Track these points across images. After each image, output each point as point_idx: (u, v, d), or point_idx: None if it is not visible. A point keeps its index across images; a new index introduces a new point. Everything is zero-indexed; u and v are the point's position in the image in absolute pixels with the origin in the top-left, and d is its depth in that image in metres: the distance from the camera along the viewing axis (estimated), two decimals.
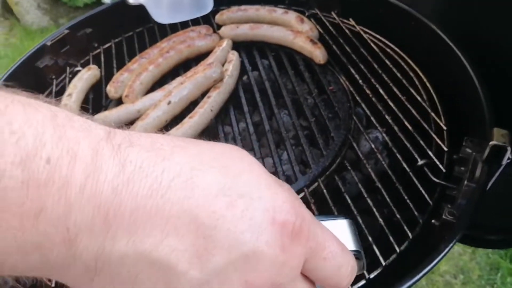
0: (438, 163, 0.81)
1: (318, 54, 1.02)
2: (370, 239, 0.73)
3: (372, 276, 0.70)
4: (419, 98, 0.94)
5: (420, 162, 0.82)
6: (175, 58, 1.07)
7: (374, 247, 0.72)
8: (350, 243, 0.40)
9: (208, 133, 0.93)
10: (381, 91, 0.95)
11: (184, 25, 1.22)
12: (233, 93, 1.01)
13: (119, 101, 1.02)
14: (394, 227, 0.75)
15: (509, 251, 1.94)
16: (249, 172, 0.35)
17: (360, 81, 0.99)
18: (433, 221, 0.73)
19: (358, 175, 0.87)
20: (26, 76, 1.08)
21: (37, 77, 1.10)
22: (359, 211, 0.78)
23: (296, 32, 1.08)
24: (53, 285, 0.72)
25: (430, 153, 0.83)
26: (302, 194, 0.80)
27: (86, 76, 1.05)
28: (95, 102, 1.05)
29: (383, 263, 0.71)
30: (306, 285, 0.37)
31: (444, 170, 0.81)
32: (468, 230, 0.96)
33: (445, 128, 0.88)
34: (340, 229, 0.40)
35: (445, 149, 0.85)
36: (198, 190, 0.31)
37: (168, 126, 0.92)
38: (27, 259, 0.28)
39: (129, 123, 0.93)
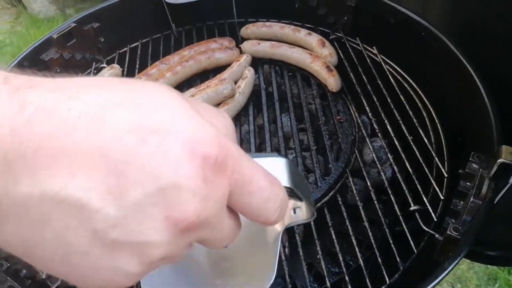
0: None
1: (332, 82, 1.02)
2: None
3: None
4: (426, 141, 0.92)
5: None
6: (194, 67, 1.10)
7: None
8: (283, 180, 0.38)
9: None
10: (388, 127, 0.95)
11: (210, 34, 1.25)
12: (243, 109, 1.02)
13: None
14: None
15: None
16: (168, 106, 0.33)
17: (370, 114, 0.98)
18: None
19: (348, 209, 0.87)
20: (30, 68, 1.07)
21: (41, 69, 1.09)
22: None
23: (314, 56, 1.08)
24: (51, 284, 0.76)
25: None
26: None
27: (107, 75, 1.09)
28: None
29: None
30: (231, 220, 0.36)
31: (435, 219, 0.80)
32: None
33: (446, 175, 0.87)
34: (275, 167, 0.39)
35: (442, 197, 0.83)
36: (107, 127, 0.30)
37: None
38: None
39: None
